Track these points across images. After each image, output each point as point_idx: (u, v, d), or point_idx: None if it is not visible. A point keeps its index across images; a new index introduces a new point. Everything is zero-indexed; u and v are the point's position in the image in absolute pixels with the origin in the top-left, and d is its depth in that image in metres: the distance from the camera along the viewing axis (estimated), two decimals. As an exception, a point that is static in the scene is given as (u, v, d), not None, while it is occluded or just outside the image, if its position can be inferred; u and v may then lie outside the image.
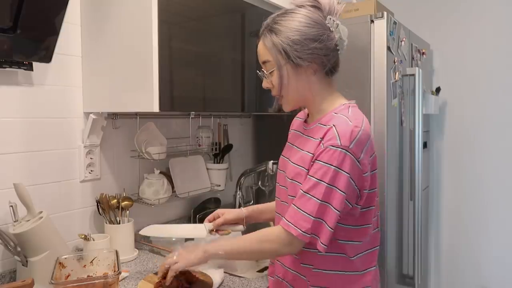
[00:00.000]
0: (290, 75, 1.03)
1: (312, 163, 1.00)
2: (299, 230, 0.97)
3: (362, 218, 1.06)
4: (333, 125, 0.99)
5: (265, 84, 1.10)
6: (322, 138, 1.00)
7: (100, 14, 1.45)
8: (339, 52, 1.06)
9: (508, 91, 2.45)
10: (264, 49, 1.05)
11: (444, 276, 2.72)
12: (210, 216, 1.32)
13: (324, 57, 1.02)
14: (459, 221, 2.65)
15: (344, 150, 0.95)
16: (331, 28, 1.02)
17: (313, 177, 0.98)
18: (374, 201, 1.07)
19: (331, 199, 0.96)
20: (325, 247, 0.98)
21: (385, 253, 1.82)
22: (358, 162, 0.98)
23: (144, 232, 1.37)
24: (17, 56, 1.28)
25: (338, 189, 0.96)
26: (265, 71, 1.07)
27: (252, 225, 1.35)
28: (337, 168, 0.96)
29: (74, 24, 1.50)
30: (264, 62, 1.07)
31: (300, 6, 1.03)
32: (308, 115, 1.17)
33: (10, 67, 1.29)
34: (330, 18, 1.02)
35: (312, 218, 0.96)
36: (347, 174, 0.96)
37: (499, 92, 2.47)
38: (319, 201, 0.96)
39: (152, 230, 1.38)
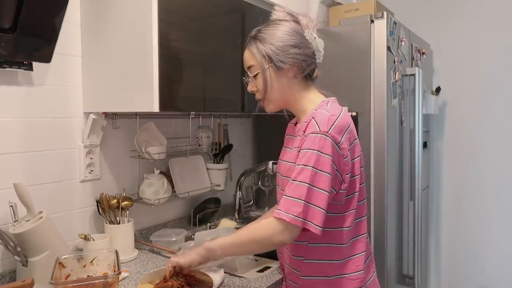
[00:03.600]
0: (272, 77, 1.12)
1: (297, 154, 1.06)
2: (290, 215, 1.00)
3: (347, 205, 1.11)
4: (312, 117, 1.07)
5: (249, 88, 1.18)
6: (304, 132, 1.07)
7: (100, 14, 1.45)
8: (317, 61, 1.16)
9: (508, 91, 2.45)
10: (249, 55, 1.15)
11: (444, 276, 2.72)
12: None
13: (303, 62, 1.12)
14: (459, 221, 2.65)
15: (323, 135, 1.02)
16: (309, 40, 1.13)
17: (298, 164, 1.03)
18: (357, 187, 1.12)
19: (317, 182, 1.01)
20: (320, 228, 1.00)
21: (385, 253, 1.82)
22: (338, 146, 1.04)
23: None
24: (17, 56, 1.27)
25: (323, 171, 1.01)
26: (250, 75, 1.16)
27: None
28: (318, 152, 1.01)
29: (74, 24, 1.50)
30: (249, 67, 1.16)
31: (282, 20, 1.14)
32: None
33: (10, 67, 1.29)
34: (308, 32, 1.13)
35: (302, 201, 1.00)
36: (329, 157, 1.01)
37: (499, 92, 2.47)
38: (307, 184, 1.00)
39: None
